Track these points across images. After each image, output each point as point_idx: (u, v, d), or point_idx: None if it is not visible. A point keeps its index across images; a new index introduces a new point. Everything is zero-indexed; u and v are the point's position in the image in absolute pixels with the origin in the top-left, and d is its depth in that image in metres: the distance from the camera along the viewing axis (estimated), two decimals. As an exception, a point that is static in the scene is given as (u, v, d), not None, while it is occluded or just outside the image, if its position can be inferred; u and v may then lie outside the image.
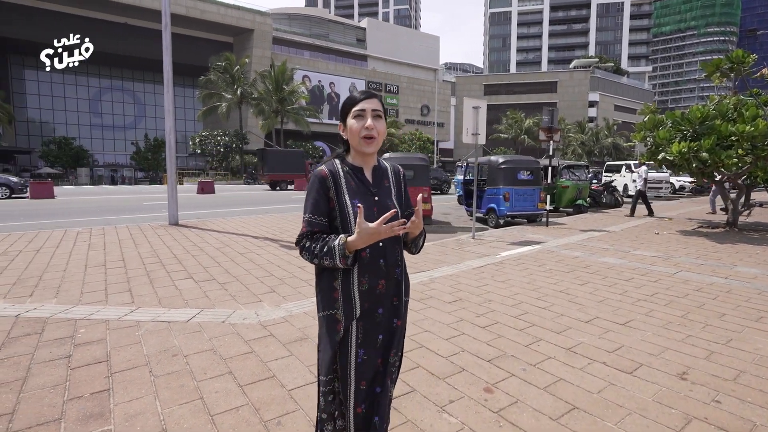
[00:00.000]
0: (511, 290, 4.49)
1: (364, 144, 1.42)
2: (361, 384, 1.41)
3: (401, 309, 1.50)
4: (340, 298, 1.42)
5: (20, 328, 3.27)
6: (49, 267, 5.12)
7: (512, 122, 50.59)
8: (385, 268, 1.43)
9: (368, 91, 1.48)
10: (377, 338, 1.43)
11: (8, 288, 4.28)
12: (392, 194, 1.52)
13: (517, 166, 9.86)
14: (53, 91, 42.68)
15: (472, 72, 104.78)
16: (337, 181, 1.43)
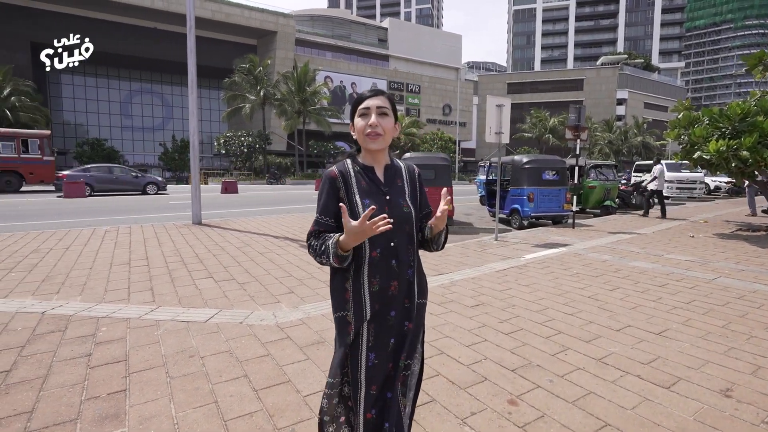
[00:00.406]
0: (535, 295, 4.31)
1: (369, 141, 1.41)
2: (372, 388, 1.37)
3: (412, 311, 1.45)
4: (350, 299, 1.40)
5: (45, 325, 3.33)
6: (76, 264, 5.25)
7: (536, 121, 49.57)
8: (398, 269, 1.40)
9: (376, 89, 1.46)
10: (389, 341, 1.40)
11: (37, 285, 4.39)
12: (406, 193, 1.48)
13: (542, 165, 9.58)
14: (87, 95, 44.40)
15: (495, 71, 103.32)
16: (347, 180, 1.43)
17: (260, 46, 47.04)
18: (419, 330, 1.51)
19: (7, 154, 17.88)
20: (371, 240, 1.39)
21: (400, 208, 1.43)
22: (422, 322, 1.54)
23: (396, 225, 1.40)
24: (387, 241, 1.40)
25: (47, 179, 18.70)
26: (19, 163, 18.05)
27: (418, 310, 1.48)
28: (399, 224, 1.41)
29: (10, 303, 3.82)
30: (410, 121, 44.77)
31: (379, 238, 1.39)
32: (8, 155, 17.87)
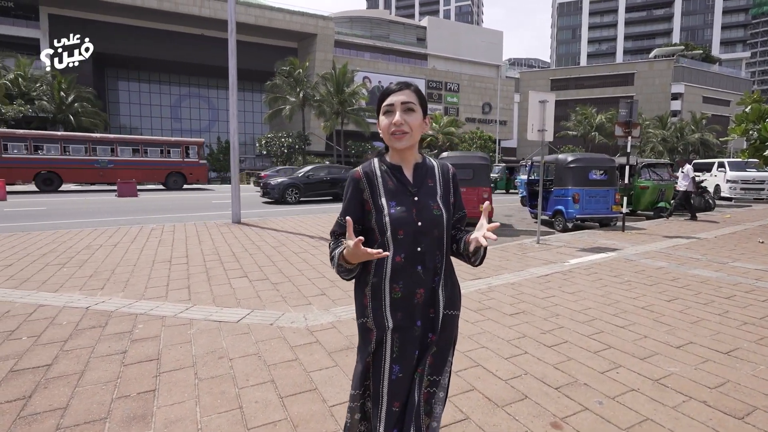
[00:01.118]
0: (582, 304, 4.00)
1: (394, 140, 1.31)
2: (394, 405, 1.27)
3: (437, 323, 1.33)
4: (369, 305, 1.33)
5: (88, 321, 3.44)
6: (122, 261, 5.47)
7: (582, 118, 47.40)
8: (424, 276, 1.30)
9: (402, 82, 1.35)
10: (413, 353, 1.30)
11: (85, 280, 4.59)
12: (437, 194, 1.36)
13: (589, 164, 9.03)
14: (141, 99, 47.19)
15: (537, 67, 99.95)
16: (372, 181, 1.34)
17: (300, 49, 48.06)
18: (449, 344, 1.37)
19: (175, 158, 22.13)
20: (396, 243, 1.28)
21: (430, 210, 1.31)
22: (452, 335, 1.39)
23: (424, 228, 1.30)
24: (413, 245, 1.29)
25: (202, 179, 23.08)
26: (183, 166, 22.30)
27: (447, 322, 1.36)
28: (427, 228, 1.30)
29: (60, 297, 4.00)
30: (449, 120, 44.12)
31: (405, 243, 1.28)
32: (176, 159, 22.13)
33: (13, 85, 30.93)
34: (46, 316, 3.52)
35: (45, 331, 3.21)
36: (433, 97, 54.39)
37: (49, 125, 33.67)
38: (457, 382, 2.50)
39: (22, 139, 19.09)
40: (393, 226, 1.28)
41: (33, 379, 2.50)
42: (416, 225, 1.29)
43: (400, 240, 1.28)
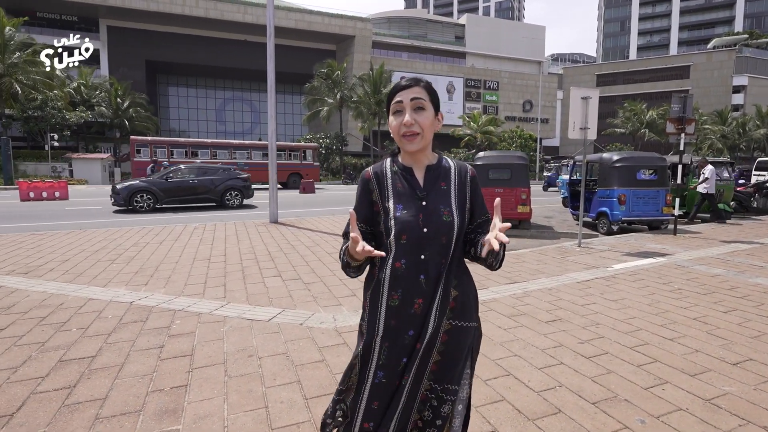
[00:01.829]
0: (625, 312, 3.75)
1: (405, 142, 1.25)
2: (374, 404, 1.27)
3: (427, 333, 1.24)
4: (367, 308, 1.31)
5: (131, 315, 3.62)
6: (165, 259, 5.73)
7: (630, 114, 44.95)
8: (426, 285, 1.23)
9: (412, 77, 1.27)
10: (401, 361, 1.26)
11: (131, 276, 4.85)
12: (451, 198, 1.28)
13: (637, 164, 8.53)
14: (189, 104, 49.63)
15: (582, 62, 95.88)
16: (382, 182, 1.30)
17: (339, 51, 48.75)
18: (459, 355, 1.28)
19: (296, 161, 25.50)
20: (398, 248, 1.24)
21: (439, 215, 1.24)
22: (463, 347, 1.28)
23: (430, 235, 1.22)
24: (416, 252, 1.23)
25: (316, 178, 25.78)
26: (300, 167, 25.27)
27: (457, 334, 1.27)
28: (434, 235, 1.23)
29: (107, 292, 4.24)
30: (487, 119, 43.22)
31: (407, 249, 1.23)
32: (295, 161, 25.46)
33: (76, 92, 33.42)
34: (94, 309, 3.74)
35: (92, 323, 3.40)
36: (472, 96, 53.50)
37: (107, 129, 36.11)
38: (486, 392, 2.41)
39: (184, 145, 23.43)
40: (397, 230, 1.23)
41: (78, 369, 2.65)
42: (421, 231, 1.23)
43: (402, 245, 1.23)
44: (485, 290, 4.42)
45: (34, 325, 3.35)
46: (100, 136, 36.44)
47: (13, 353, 2.86)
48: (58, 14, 39.71)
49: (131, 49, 41.02)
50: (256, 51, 43.59)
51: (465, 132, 43.49)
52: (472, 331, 1.31)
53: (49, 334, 3.19)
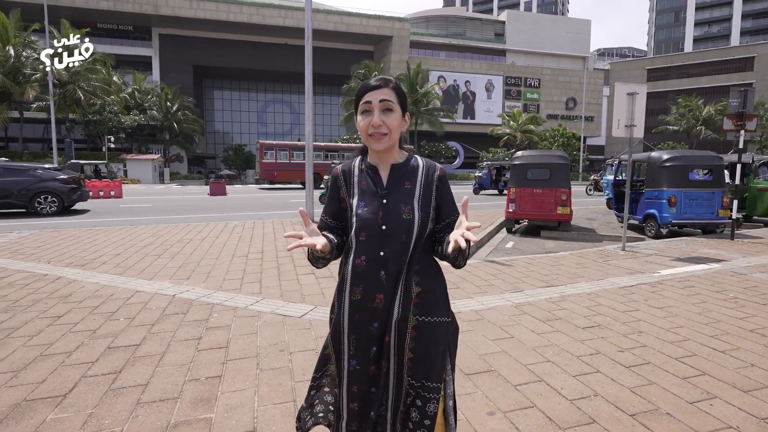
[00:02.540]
0: (672, 321, 3.53)
1: (373, 142, 1.29)
2: (354, 387, 1.32)
3: (392, 326, 1.27)
4: (335, 303, 1.36)
5: (173, 307, 3.81)
6: (207, 255, 5.99)
7: (685, 111, 42.25)
8: (386, 281, 1.26)
9: (382, 77, 1.30)
10: (371, 350, 1.30)
11: (174, 270, 5.11)
12: (414, 198, 1.31)
13: (689, 163, 8.00)
14: (232, 107, 51.69)
15: (631, 56, 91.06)
16: (349, 180, 1.36)
17: (376, 51, 49.05)
18: (433, 352, 1.29)
19: None
20: (357, 246, 1.29)
21: (399, 214, 1.27)
22: (436, 343, 1.29)
23: (389, 232, 1.26)
24: (376, 249, 1.27)
25: None
26: None
27: (425, 330, 1.28)
28: (393, 232, 1.26)
29: (153, 285, 4.49)
30: (528, 117, 42.03)
31: (366, 246, 1.27)
32: None
33: (130, 97, 35.61)
34: (141, 300, 3.97)
35: (138, 314, 3.61)
36: (512, 94, 52.23)
37: (157, 132, 38.23)
38: (515, 397, 2.34)
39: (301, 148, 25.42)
40: (357, 227, 1.28)
41: (124, 356, 2.83)
42: (380, 228, 1.27)
43: (362, 242, 1.28)
44: (519, 293, 4.31)
45: (87, 314, 3.60)
46: (151, 138, 38.70)
47: (68, 339, 3.09)
48: (115, 24, 42.53)
49: (180, 55, 43.25)
50: (295, 54, 44.69)
51: (504, 131, 42.51)
52: (443, 326, 1.32)
53: (100, 322, 3.42)
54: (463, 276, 4.95)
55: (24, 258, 5.66)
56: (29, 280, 4.60)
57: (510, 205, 8.72)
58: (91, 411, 2.19)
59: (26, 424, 2.07)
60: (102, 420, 2.11)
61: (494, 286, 4.57)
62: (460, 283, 4.67)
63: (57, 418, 2.12)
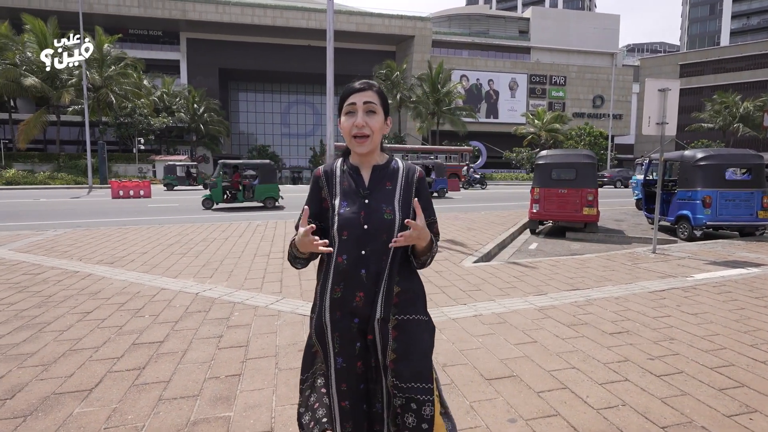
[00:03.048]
0: (706, 328, 3.35)
1: (356, 144, 1.33)
2: (342, 385, 1.33)
3: (374, 325, 1.29)
4: (317, 302, 1.36)
5: (196, 305, 3.88)
6: (229, 254, 6.10)
7: (721, 107, 40.44)
8: (366, 280, 1.29)
9: (365, 81, 1.35)
10: (355, 346, 1.32)
11: (198, 269, 5.21)
12: (395, 198, 1.35)
13: (725, 162, 7.63)
14: (257, 108, 52.67)
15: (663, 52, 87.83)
16: (331, 180, 1.38)
17: (398, 51, 49.01)
18: (414, 351, 1.29)
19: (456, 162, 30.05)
20: (339, 245, 1.30)
21: (380, 213, 1.31)
22: (417, 340, 1.31)
23: (371, 231, 1.29)
24: (357, 248, 1.29)
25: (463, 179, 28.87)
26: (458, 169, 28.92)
27: (405, 327, 1.30)
28: (374, 231, 1.29)
29: (177, 283, 4.59)
30: (553, 116, 41.15)
31: (348, 245, 1.29)
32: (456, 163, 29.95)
33: (159, 100, 36.73)
34: (165, 298, 4.06)
35: (162, 311, 3.70)
36: (536, 93, 51.24)
37: (184, 133, 39.29)
38: (538, 404, 2.26)
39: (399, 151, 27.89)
40: (339, 225, 1.30)
41: (148, 352, 2.89)
42: (362, 228, 1.29)
43: (344, 241, 1.29)
44: (543, 296, 4.19)
45: (114, 310, 3.71)
46: (179, 139, 39.83)
47: (96, 334, 3.19)
48: (146, 30, 44.01)
49: (206, 59, 44.38)
50: (318, 55, 45.16)
51: (528, 130, 41.73)
52: (423, 324, 1.34)
53: (126, 318, 3.51)
54: (484, 278, 4.86)
55: (58, 255, 5.90)
56: (62, 277, 4.78)
57: (534, 205, 8.52)
58: (115, 406, 2.24)
59: (54, 416, 2.13)
60: (125, 415, 2.16)
61: (517, 288, 4.46)
62: (482, 285, 4.59)
63: (83, 412, 2.18)
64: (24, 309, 3.73)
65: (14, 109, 33.97)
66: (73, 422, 2.09)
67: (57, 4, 37.74)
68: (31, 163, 30.53)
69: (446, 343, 3.07)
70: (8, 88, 27.12)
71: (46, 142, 36.35)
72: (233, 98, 51.58)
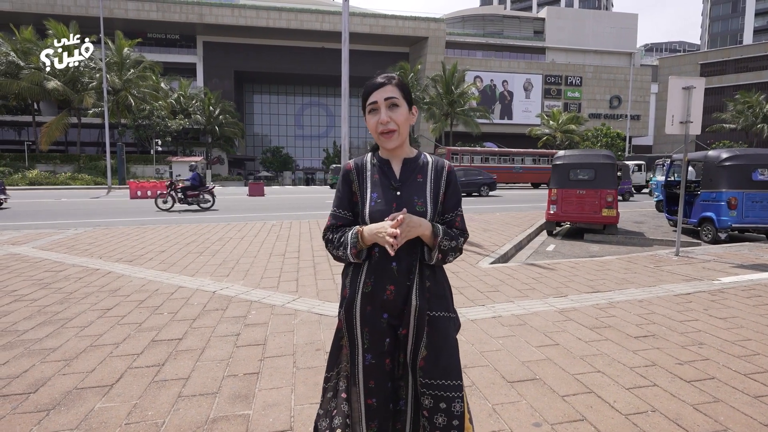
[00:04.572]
0: (737, 333, 3.23)
1: (384, 140, 1.33)
2: (370, 382, 1.32)
3: (410, 318, 1.29)
4: (345, 297, 1.36)
5: (213, 303, 3.90)
6: (245, 253, 6.13)
7: (743, 107, 39.36)
8: (397, 273, 1.28)
9: (385, 75, 1.34)
10: (384, 342, 1.32)
11: (215, 267, 5.24)
12: (426, 192, 1.34)
13: (752, 162, 7.39)
14: (271, 110, 53.20)
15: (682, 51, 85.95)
16: (362, 174, 1.38)
17: (412, 53, 48.98)
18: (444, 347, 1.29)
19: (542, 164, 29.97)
20: None
21: (412, 205, 1.30)
22: (447, 337, 1.31)
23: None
24: None
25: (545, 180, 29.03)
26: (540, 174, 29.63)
27: (436, 323, 1.30)
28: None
29: (195, 281, 4.62)
30: (568, 116, 40.60)
31: None
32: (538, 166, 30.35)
33: (176, 102, 37.36)
34: (183, 296, 4.08)
35: (181, 309, 3.72)
36: (551, 93, 50.65)
37: (200, 135, 39.87)
38: (563, 408, 2.19)
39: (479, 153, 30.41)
40: (371, 218, 1.30)
41: (167, 349, 2.90)
42: None
43: None
44: (563, 298, 4.09)
45: (134, 307, 3.74)
46: (195, 141, 40.45)
47: (116, 331, 3.21)
48: (164, 34, 44.87)
49: (222, 61, 45.03)
50: (331, 57, 45.50)
51: (543, 131, 41.26)
52: (451, 321, 1.33)
53: (146, 316, 3.54)
54: (502, 279, 4.78)
55: (78, 253, 6.01)
56: (82, 274, 4.86)
57: (551, 206, 8.38)
58: (135, 402, 2.24)
59: (76, 411, 2.14)
60: (145, 411, 2.16)
61: (536, 290, 4.37)
62: (500, 286, 4.51)
63: (104, 407, 2.18)
64: (47, 305, 3.79)
65: (37, 112, 34.93)
66: (95, 417, 2.10)
67: (79, 9, 38.74)
68: (53, 164, 31.35)
69: (466, 344, 3.01)
70: (32, 92, 27.91)
71: (67, 144, 37.30)
72: (248, 100, 52.20)
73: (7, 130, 40.46)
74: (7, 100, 30.49)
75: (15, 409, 2.15)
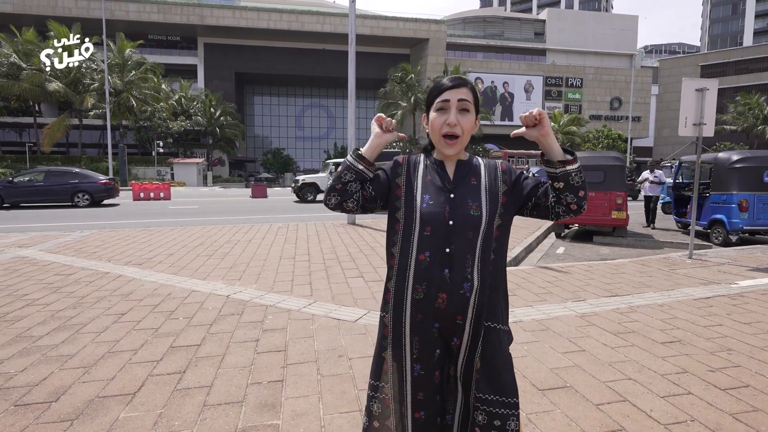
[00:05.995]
0: (764, 339, 3.18)
1: (444, 144, 1.27)
2: (419, 394, 1.27)
3: (464, 330, 1.23)
4: (391, 301, 1.28)
5: (228, 308, 3.84)
6: (255, 256, 6.07)
7: (744, 109, 39.42)
8: (450, 280, 1.20)
9: (459, 77, 1.27)
10: (434, 353, 1.26)
11: (226, 271, 5.18)
12: (481, 193, 1.26)
13: (764, 164, 7.36)
14: (271, 111, 53.17)
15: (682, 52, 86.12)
16: (412, 170, 1.31)
17: (413, 54, 48.97)
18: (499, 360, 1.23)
19: None
20: (421, 241, 1.22)
21: (466, 208, 1.22)
22: (502, 349, 1.24)
23: (456, 228, 1.21)
24: (441, 245, 1.21)
25: None
26: None
27: (490, 335, 1.23)
28: (460, 228, 1.21)
29: (207, 285, 4.56)
30: (569, 118, 40.61)
31: (432, 241, 1.21)
32: None
33: (177, 104, 37.31)
34: (197, 300, 4.03)
35: (196, 314, 3.66)
36: (552, 95, 50.66)
37: (201, 136, 39.82)
38: (599, 418, 2.14)
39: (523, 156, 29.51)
40: (422, 221, 1.23)
41: (186, 356, 2.84)
42: (447, 223, 1.21)
43: (427, 237, 1.22)
44: (582, 302, 4.04)
45: (148, 312, 3.68)
46: (195, 142, 40.39)
47: (133, 336, 3.16)
48: (165, 35, 44.83)
49: (223, 63, 45.00)
50: (332, 58, 45.51)
51: (544, 133, 41.20)
52: (505, 334, 1.27)
53: (161, 321, 3.48)
54: (518, 283, 4.73)
55: (87, 256, 5.95)
56: (93, 278, 4.80)
57: (560, 208, 8.34)
58: (160, 411, 2.18)
59: (101, 421, 2.09)
60: (172, 421, 2.10)
61: (553, 294, 4.33)
62: (516, 290, 4.46)
63: (129, 417, 2.13)
64: (59, 309, 3.73)
65: (38, 114, 34.87)
66: (121, 427, 2.04)
67: (80, 11, 38.71)
68: (55, 166, 31.26)
69: (490, 350, 2.95)
70: (33, 93, 27.86)
71: (68, 145, 37.22)
72: (249, 102, 52.18)
73: (8, 132, 40.40)
74: (8, 102, 30.40)
75: (38, 419, 2.10)
